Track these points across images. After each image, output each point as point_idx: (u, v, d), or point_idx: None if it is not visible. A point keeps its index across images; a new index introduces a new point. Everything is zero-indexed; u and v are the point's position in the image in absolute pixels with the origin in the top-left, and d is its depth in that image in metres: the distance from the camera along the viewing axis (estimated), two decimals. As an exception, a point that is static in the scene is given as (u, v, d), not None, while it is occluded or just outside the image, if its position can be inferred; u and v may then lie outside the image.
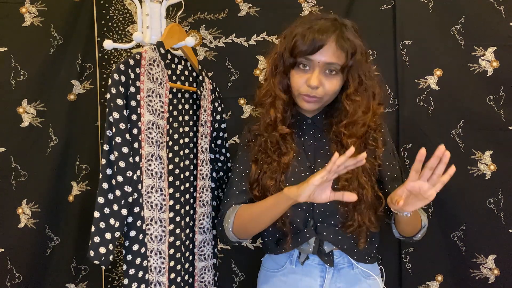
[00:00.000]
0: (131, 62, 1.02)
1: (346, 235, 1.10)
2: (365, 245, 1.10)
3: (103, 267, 1.35)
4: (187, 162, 1.23)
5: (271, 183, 1.10)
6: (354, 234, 1.10)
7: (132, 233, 1.02)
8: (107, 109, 0.98)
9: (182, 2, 1.26)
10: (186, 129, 1.24)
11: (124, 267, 1.02)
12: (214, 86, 1.35)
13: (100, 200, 0.96)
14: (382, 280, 1.17)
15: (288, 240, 1.10)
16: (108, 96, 0.98)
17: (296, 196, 0.97)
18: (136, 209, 1.02)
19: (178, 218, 1.17)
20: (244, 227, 1.11)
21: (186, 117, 1.24)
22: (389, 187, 1.13)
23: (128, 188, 0.99)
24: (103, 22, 1.48)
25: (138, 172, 1.02)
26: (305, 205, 1.10)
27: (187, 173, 1.23)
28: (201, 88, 1.25)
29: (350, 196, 0.95)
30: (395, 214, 1.05)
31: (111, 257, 0.96)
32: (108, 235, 0.96)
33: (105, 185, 0.97)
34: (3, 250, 1.39)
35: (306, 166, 1.12)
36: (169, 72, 1.16)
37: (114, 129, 0.97)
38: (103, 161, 0.97)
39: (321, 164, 1.12)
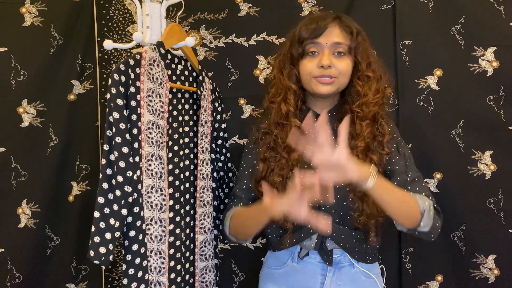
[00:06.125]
0: (131, 62, 1.02)
1: (351, 233, 1.10)
2: (374, 239, 1.10)
3: (103, 267, 1.35)
4: (187, 162, 1.23)
5: (278, 179, 1.11)
6: (363, 228, 1.09)
7: (132, 233, 1.02)
8: (107, 109, 0.99)
9: (182, 2, 1.26)
10: (186, 129, 1.24)
11: (124, 267, 1.02)
12: (214, 86, 1.35)
13: (100, 200, 0.96)
14: (383, 279, 1.18)
15: (291, 236, 1.11)
16: (108, 96, 0.98)
17: (271, 211, 0.95)
18: (136, 209, 1.02)
19: (178, 218, 1.17)
20: (237, 231, 1.17)
21: (186, 117, 1.24)
22: (397, 178, 1.12)
23: (128, 188, 0.99)
24: (103, 22, 1.48)
25: (138, 172, 1.02)
26: (311, 202, 1.09)
27: (187, 173, 1.23)
28: (201, 88, 1.25)
29: (325, 226, 0.89)
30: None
31: (111, 257, 0.96)
32: (108, 235, 0.96)
33: (105, 185, 0.97)
34: (3, 250, 1.39)
35: None
36: (169, 72, 1.16)
37: (114, 129, 0.97)
38: (103, 161, 0.97)
39: None
